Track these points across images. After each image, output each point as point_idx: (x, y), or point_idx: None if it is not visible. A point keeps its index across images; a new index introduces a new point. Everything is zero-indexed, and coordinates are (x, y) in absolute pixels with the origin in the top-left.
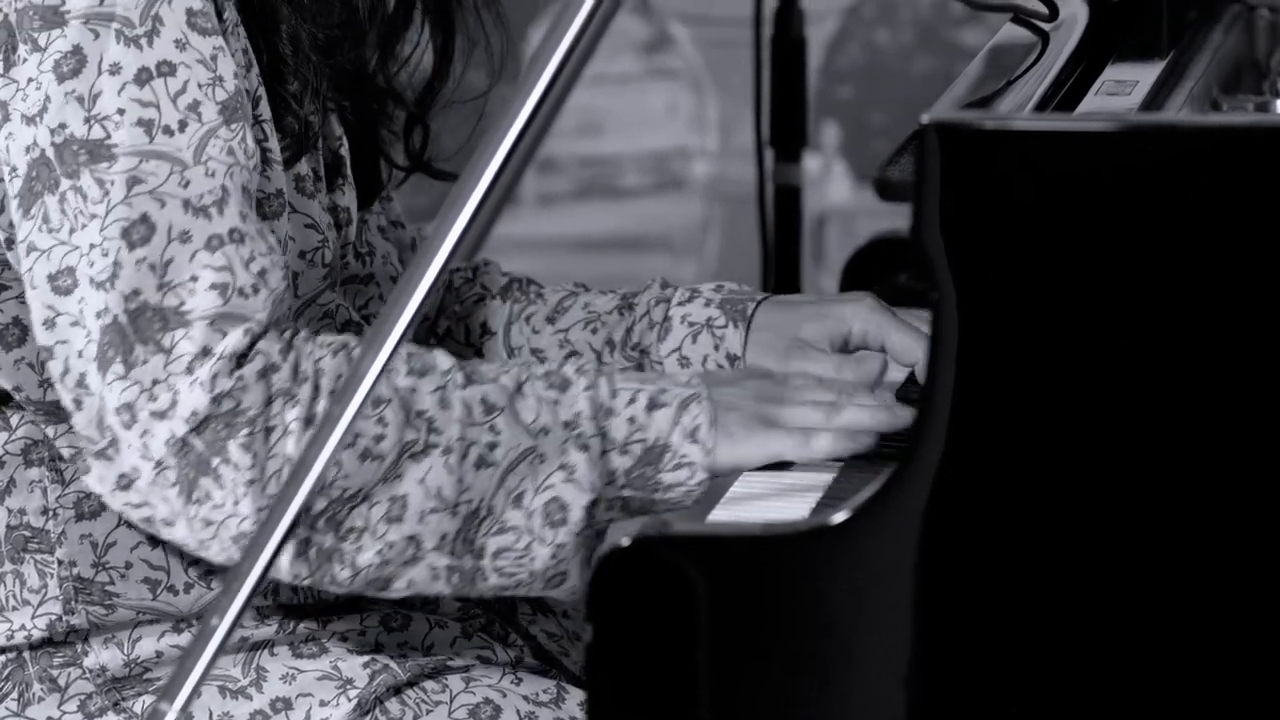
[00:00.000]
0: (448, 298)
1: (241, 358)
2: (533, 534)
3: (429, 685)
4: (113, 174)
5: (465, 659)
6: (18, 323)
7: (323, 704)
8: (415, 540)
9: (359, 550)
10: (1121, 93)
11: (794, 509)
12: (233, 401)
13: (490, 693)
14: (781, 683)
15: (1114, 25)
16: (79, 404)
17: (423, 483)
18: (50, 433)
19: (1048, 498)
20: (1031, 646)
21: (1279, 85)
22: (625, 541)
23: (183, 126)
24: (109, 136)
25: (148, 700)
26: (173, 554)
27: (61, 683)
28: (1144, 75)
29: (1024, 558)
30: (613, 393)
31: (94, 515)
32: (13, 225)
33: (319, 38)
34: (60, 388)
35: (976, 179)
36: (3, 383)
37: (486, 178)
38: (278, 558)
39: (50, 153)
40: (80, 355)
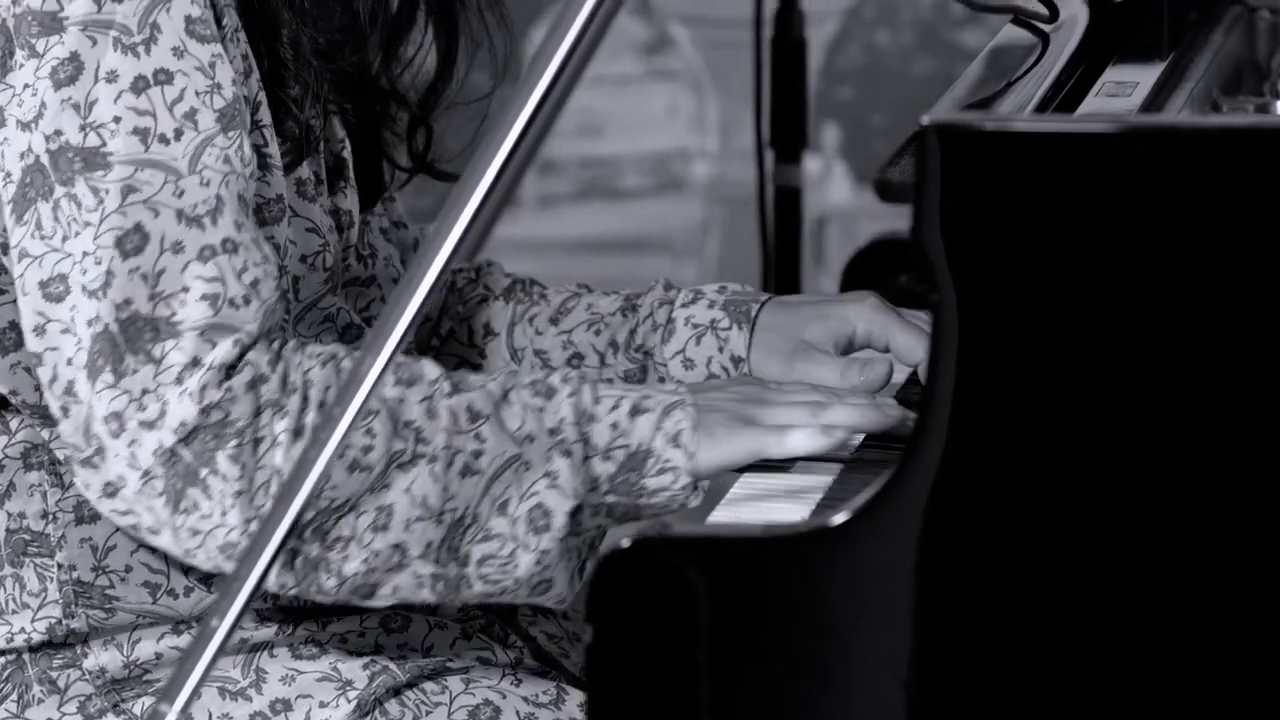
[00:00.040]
0: (451, 298)
1: (231, 369)
2: (517, 540)
3: (429, 686)
4: (107, 182)
5: (465, 660)
6: (14, 327)
7: (322, 705)
8: (401, 548)
9: (345, 559)
10: (1122, 94)
11: (794, 510)
12: (221, 413)
13: (490, 694)
14: (782, 684)
15: (1114, 26)
16: (66, 411)
17: (409, 492)
18: (48, 437)
19: (1048, 499)
20: (1032, 648)
21: (1279, 87)
22: (625, 543)
23: (179, 135)
24: (104, 144)
25: (147, 702)
26: (173, 558)
27: (61, 684)
28: (1144, 76)
29: (1024, 559)
30: (596, 399)
31: (94, 519)
32: (5, 230)
33: (320, 42)
34: (48, 394)
35: (977, 180)
36: (0, 387)
37: (486, 179)
38: (277, 560)
39: (45, 159)
40: (70, 363)
